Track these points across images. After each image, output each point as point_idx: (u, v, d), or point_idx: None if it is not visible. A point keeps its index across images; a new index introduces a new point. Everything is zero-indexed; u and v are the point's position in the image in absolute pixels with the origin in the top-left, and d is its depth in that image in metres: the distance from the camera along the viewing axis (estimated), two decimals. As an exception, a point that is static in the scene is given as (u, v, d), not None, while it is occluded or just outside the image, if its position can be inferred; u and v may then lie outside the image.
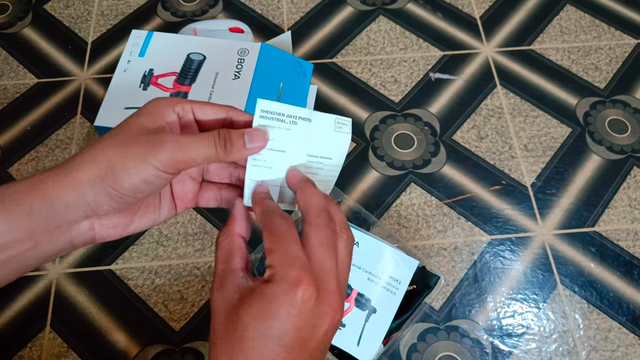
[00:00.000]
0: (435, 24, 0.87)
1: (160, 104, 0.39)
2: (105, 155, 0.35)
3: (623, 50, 0.85)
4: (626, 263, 0.68)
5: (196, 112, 0.40)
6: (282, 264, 0.34)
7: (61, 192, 0.35)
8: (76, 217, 0.36)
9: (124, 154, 0.35)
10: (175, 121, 0.39)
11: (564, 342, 0.64)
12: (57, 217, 0.35)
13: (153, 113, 0.38)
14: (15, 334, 0.64)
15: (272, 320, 0.33)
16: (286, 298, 0.33)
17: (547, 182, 0.74)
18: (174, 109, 0.39)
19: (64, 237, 0.37)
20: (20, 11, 0.90)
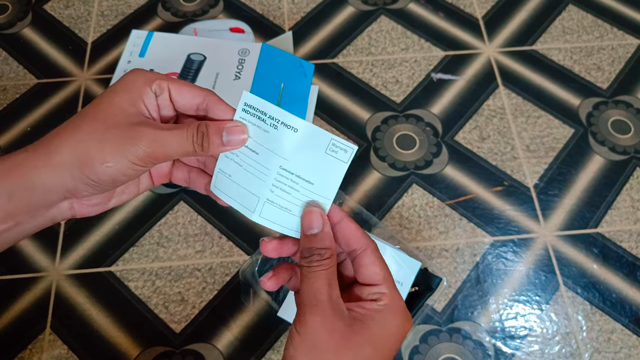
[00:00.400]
0: (437, 24, 0.87)
1: (137, 79, 0.37)
2: (82, 143, 0.35)
3: (626, 51, 0.84)
4: (629, 264, 0.68)
5: (172, 92, 0.38)
6: (392, 292, 0.38)
7: (40, 176, 0.35)
8: (55, 199, 0.36)
9: (101, 145, 0.35)
10: (152, 102, 0.38)
11: (566, 343, 0.64)
12: (37, 199, 0.36)
13: (130, 90, 0.37)
14: (15, 335, 0.64)
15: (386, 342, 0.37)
16: (398, 328, 0.37)
17: (550, 183, 0.73)
18: (151, 87, 0.37)
19: (44, 216, 0.37)
20: (20, 11, 0.89)
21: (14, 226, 0.36)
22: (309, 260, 0.37)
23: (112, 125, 0.35)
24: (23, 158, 0.36)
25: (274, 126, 0.36)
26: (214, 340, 0.64)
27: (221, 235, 0.70)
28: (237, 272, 0.67)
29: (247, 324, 0.65)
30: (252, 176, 0.38)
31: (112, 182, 0.36)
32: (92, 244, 0.69)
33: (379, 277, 0.38)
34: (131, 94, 0.37)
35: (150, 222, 0.71)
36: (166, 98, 0.38)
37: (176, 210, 0.71)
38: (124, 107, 0.36)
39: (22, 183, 0.35)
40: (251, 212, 0.39)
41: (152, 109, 0.38)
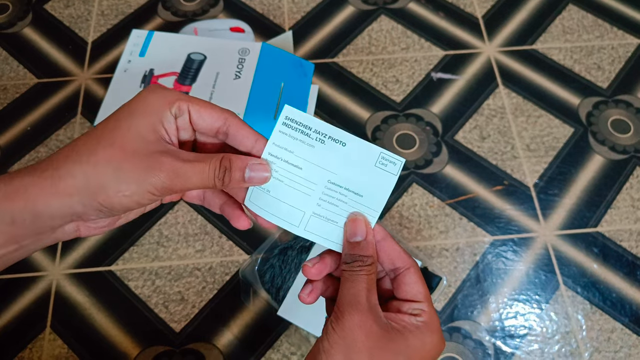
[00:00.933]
0: (437, 24, 0.87)
1: (157, 100, 0.36)
2: (97, 172, 0.33)
3: (626, 50, 0.84)
4: (629, 263, 0.68)
5: (192, 114, 0.37)
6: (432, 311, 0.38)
7: (46, 202, 0.33)
8: (62, 223, 0.35)
9: (117, 174, 0.33)
10: (172, 126, 0.36)
11: (566, 343, 0.64)
12: (41, 224, 0.34)
13: (150, 113, 0.35)
14: (15, 335, 0.64)
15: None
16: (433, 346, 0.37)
17: (550, 183, 0.73)
18: (171, 109, 0.36)
19: (48, 239, 0.36)
20: (20, 11, 0.89)
21: (16, 250, 0.35)
22: (351, 265, 0.37)
23: (130, 154, 0.34)
24: (29, 182, 0.34)
25: (320, 140, 0.37)
26: (214, 340, 0.64)
27: (221, 234, 0.70)
28: (237, 271, 0.68)
29: (247, 324, 0.65)
30: (296, 191, 0.38)
31: (125, 210, 0.35)
32: (92, 243, 0.69)
33: (421, 295, 0.38)
34: (151, 118, 0.35)
35: (150, 222, 0.71)
36: (186, 120, 0.37)
37: (176, 209, 0.71)
38: (143, 134, 0.35)
39: (27, 209, 0.33)
40: (295, 226, 0.39)
41: (172, 133, 0.36)
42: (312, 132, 0.37)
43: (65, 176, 0.33)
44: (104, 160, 0.34)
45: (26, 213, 0.33)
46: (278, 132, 0.37)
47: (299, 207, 0.38)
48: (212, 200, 0.42)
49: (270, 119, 0.67)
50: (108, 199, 0.33)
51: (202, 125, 0.37)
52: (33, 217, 0.34)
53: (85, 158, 0.34)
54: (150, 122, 0.35)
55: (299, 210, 0.38)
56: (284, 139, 0.37)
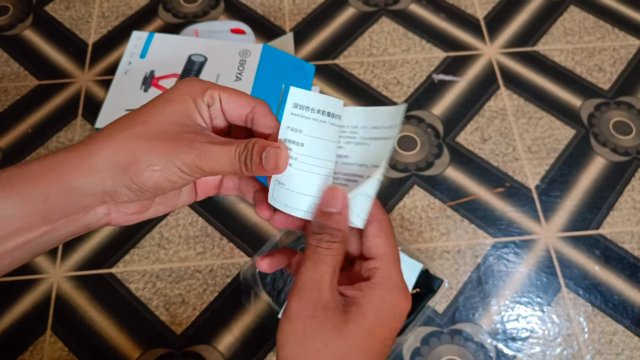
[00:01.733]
0: (438, 25, 0.87)
1: (192, 88, 0.36)
2: (128, 146, 0.34)
3: (627, 52, 0.84)
4: (631, 266, 0.68)
5: (223, 102, 0.37)
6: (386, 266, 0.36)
7: (78, 179, 0.33)
8: (93, 203, 0.35)
9: (148, 149, 0.33)
10: (206, 113, 0.37)
11: (568, 345, 0.64)
12: (73, 203, 0.34)
13: (186, 101, 0.36)
14: (16, 338, 0.64)
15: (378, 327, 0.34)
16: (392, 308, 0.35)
17: (551, 184, 0.73)
18: (204, 97, 0.36)
19: (80, 221, 0.35)
20: (21, 13, 0.89)
21: (50, 231, 0.34)
22: (319, 238, 0.35)
23: (162, 132, 0.34)
24: (60, 159, 0.34)
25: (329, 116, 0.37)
26: (215, 342, 0.64)
27: (222, 236, 0.70)
28: (238, 273, 0.67)
29: (248, 326, 0.65)
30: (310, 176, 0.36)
31: (155, 188, 0.34)
32: (92, 245, 0.69)
33: (377, 250, 0.36)
34: (186, 105, 0.36)
35: (151, 224, 0.71)
36: (218, 108, 0.37)
37: (177, 211, 0.71)
38: (177, 118, 0.35)
39: (58, 186, 0.33)
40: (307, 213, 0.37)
41: (207, 121, 0.37)
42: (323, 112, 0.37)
43: (96, 152, 0.34)
44: (135, 136, 0.34)
45: (58, 188, 0.33)
46: (290, 115, 0.36)
47: (314, 193, 0.36)
48: (246, 189, 0.41)
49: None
50: (138, 173, 0.33)
51: (231, 113, 0.37)
52: (65, 192, 0.34)
53: (116, 135, 0.34)
54: (185, 109, 0.36)
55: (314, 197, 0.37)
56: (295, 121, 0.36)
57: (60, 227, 0.35)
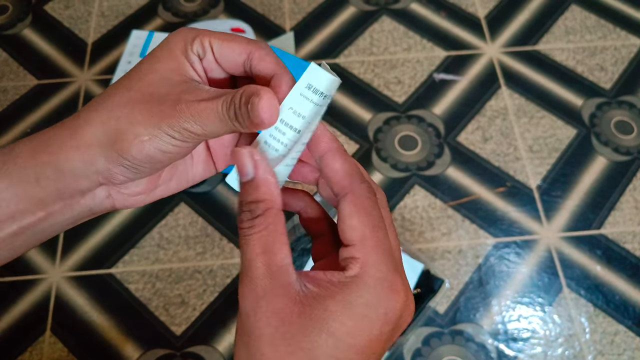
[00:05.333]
0: (439, 24, 0.87)
1: (181, 39, 0.31)
2: (112, 115, 0.29)
3: (629, 51, 0.84)
4: (632, 266, 0.68)
5: (215, 51, 0.31)
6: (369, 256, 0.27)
7: (68, 158, 0.30)
8: (89, 186, 0.31)
9: (134, 117, 0.29)
10: (199, 66, 0.31)
11: (569, 346, 0.63)
12: (67, 185, 0.30)
13: (173, 56, 0.31)
14: (15, 338, 0.64)
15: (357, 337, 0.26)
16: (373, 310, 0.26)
17: (553, 184, 0.73)
18: (192, 48, 0.31)
19: (79, 205, 0.32)
20: (20, 12, 0.89)
21: (47, 217, 0.31)
22: (240, 219, 0.28)
23: (148, 96, 0.30)
24: (49, 137, 0.30)
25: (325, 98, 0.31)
26: (214, 343, 0.63)
27: (222, 237, 0.69)
28: (238, 274, 0.67)
29: (248, 327, 0.64)
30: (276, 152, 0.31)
31: (149, 161, 0.30)
32: (92, 245, 0.69)
33: (353, 234, 0.27)
34: (176, 59, 0.31)
35: (150, 224, 0.70)
36: (211, 59, 0.32)
37: (177, 212, 0.71)
38: (165, 76, 0.30)
39: (50, 165, 0.30)
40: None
41: (200, 74, 0.32)
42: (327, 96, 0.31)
43: (84, 125, 0.30)
44: (121, 104, 0.30)
45: (49, 169, 0.30)
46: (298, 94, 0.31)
47: None
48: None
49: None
50: (126, 146, 0.29)
51: (226, 62, 0.32)
52: (56, 174, 0.30)
53: (102, 105, 0.30)
54: (175, 64, 0.31)
55: None
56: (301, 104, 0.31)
57: (58, 212, 0.31)
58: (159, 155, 0.30)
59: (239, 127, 0.29)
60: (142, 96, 0.30)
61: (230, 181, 0.31)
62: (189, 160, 0.35)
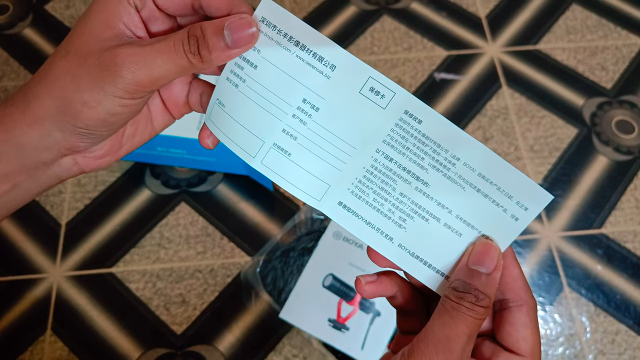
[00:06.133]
0: (440, 24, 0.86)
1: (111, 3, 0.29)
2: (57, 85, 0.29)
3: (630, 50, 0.84)
4: (633, 265, 0.68)
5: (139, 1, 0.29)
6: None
7: (24, 134, 0.29)
8: (52, 157, 0.31)
9: (77, 84, 0.28)
10: (135, 18, 0.29)
11: (570, 345, 0.63)
12: (29, 158, 0.30)
13: (104, 10, 0.29)
14: (15, 337, 0.64)
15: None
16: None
17: (554, 184, 0.73)
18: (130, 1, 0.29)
19: (45, 174, 0.32)
20: (21, 12, 0.89)
21: (12, 188, 0.31)
22: (460, 296, 0.28)
23: (84, 57, 0.28)
24: (2, 113, 0.30)
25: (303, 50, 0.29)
26: (215, 342, 0.63)
27: (222, 236, 0.69)
28: (239, 273, 0.67)
29: (249, 326, 0.64)
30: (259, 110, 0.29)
31: (104, 125, 0.29)
32: (92, 245, 0.69)
33: (526, 346, 0.29)
34: (105, 14, 0.29)
35: (151, 223, 0.70)
36: (152, 7, 0.30)
37: (177, 211, 0.71)
38: (97, 32, 0.29)
39: (8, 142, 0.29)
40: (251, 157, 0.30)
41: (135, 26, 0.30)
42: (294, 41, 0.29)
43: (32, 99, 0.29)
44: (62, 72, 0.29)
45: (8, 146, 0.30)
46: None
47: (259, 133, 0.30)
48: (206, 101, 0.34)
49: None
50: (76, 116, 0.29)
51: (170, 6, 0.30)
52: (17, 149, 0.30)
53: (47, 74, 0.29)
54: (104, 18, 0.29)
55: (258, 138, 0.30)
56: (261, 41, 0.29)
57: (23, 183, 0.31)
58: (112, 118, 0.29)
59: (195, 62, 0.28)
60: (80, 59, 0.28)
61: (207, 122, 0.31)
62: (146, 114, 0.34)
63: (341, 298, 0.59)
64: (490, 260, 0.29)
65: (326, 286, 0.60)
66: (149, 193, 0.72)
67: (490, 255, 0.29)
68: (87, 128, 0.29)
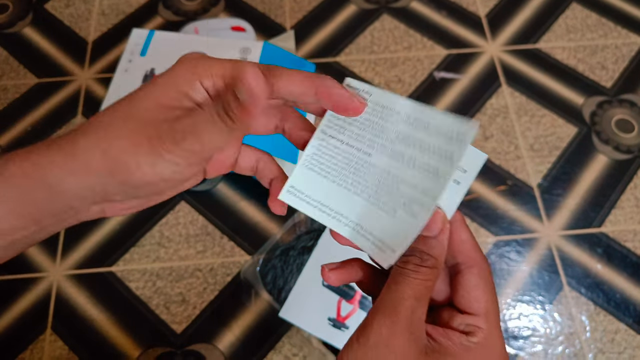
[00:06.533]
0: (440, 23, 0.86)
1: (184, 73, 0.31)
2: (114, 147, 0.29)
3: (630, 49, 0.84)
4: (633, 264, 0.68)
5: (211, 84, 0.31)
6: (492, 329, 0.30)
7: (64, 181, 0.30)
8: (84, 205, 0.31)
9: (135, 149, 0.29)
10: (205, 98, 0.31)
11: (570, 344, 0.63)
12: (62, 205, 0.30)
13: (172, 84, 0.30)
14: (15, 336, 0.64)
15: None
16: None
17: (554, 183, 0.73)
18: (203, 82, 0.30)
19: (71, 219, 0.32)
20: (20, 11, 0.89)
21: (38, 231, 0.32)
22: (405, 260, 0.29)
23: (146, 124, 0.29)
24: (46, 159, 0.30)
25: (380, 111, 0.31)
26: (215, 341, 0.63)
27: (222, 235, 0.69)
28: (239, 272, 0.67)
29: (249, 325, 0.64)
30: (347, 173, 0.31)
31: (150, 187, 0.30)
32: (92, 244, 0.69)
33: (479, 306, 0.30)
34: (174, 88, 0.30)
35: (151, 222, 0.70)
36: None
37: (177, 210, 0.71)
38: (162, 102, 0.30)
39: (44, 187, 0.30)
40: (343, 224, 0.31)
41: (203, 101, 0.31)
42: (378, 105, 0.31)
43: (83, 153, 0.30)
44: (120, 135, 0.30)
45: (45, 192, 0.30)
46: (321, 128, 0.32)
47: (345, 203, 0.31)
48: (263, 172, 0.35)
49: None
50: (129, 177, 0.29)
51: None
52: (52, 196, 0.30)
53: (102, 133, 0.30)
54: (173, 92, 0.30)
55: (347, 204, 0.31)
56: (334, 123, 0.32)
57: (49, 226, 0.32)
58: (161, 184, 0.30)
59: (232, 125, 0.29)
60: (142, 126, 0.29)
61: (283, 196, 0.32)
62: None
63: (341, 297, 0.59)
64: (434, 224, 0.30)
65: (326, 285, 0.60)
66: (149, 192, 0.72)
67: (434, 219, 0.30)
68: (134, 187, 0.30)
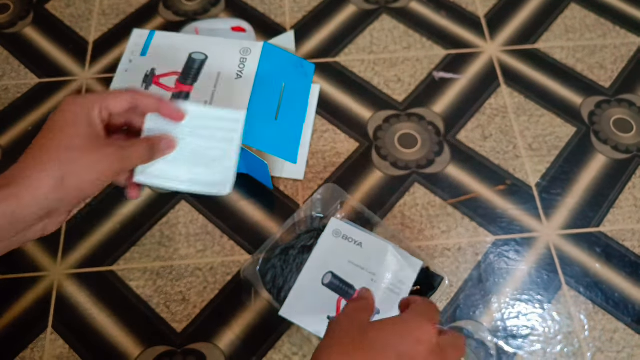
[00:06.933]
0: (439, 23, 0.87)
1: (80, 112, 0.44)
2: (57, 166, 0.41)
3: (628, 49, 0.84)
4: (632, 263, 0.68)
5: (103, 113, 0.45)
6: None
7: (20, 209, 0.39)
8: (32, 223, 0.42)
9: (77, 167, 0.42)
10: (99, 123, 0.45)
11: (569, 343, 0.64)
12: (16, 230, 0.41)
13: (79, 123, 0.44)
14: (16, 335, 0.64)
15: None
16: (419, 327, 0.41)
17: (552, 182, 0.73)
18: (94, 112, 0.45)
19: (18, 240, 0.42)
20: (21, 11, 0.89)
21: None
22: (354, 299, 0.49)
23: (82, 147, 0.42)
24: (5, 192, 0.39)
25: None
26: (215, 340, 0.64)
27: (222, 234, 0.70)
28: (239, 271, 0.67)
29: (249, 324, 0.65)
30: None
31: (86, 197, 0.43)
32: (93, 243, 0.69)
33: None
34: (81, 126, 0.44)
35: (151, 222, 0.71)
36: (105, 118, 0.46)
37: (177, 209, 0.71)
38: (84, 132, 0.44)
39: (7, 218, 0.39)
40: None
41: (100, 128, 0.45)
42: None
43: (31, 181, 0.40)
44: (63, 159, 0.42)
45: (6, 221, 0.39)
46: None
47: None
48: (120, 178, 0.50)
49: (271, 119, 0.66)
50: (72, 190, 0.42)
51: (115, 114, 0.47)
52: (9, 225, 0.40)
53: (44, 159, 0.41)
54: (82, 129, 0.44)
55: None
56: None
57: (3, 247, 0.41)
58: (94, 192, 0.44)
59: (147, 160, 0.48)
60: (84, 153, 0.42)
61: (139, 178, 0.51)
62: None
63: (340, 296, 0.60)
64: (367, 296, 0.48)
65: (325, 284, 0.60)
66: (149, 191, 0.73)
67: (365, 294, 0.49)
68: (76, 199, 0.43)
